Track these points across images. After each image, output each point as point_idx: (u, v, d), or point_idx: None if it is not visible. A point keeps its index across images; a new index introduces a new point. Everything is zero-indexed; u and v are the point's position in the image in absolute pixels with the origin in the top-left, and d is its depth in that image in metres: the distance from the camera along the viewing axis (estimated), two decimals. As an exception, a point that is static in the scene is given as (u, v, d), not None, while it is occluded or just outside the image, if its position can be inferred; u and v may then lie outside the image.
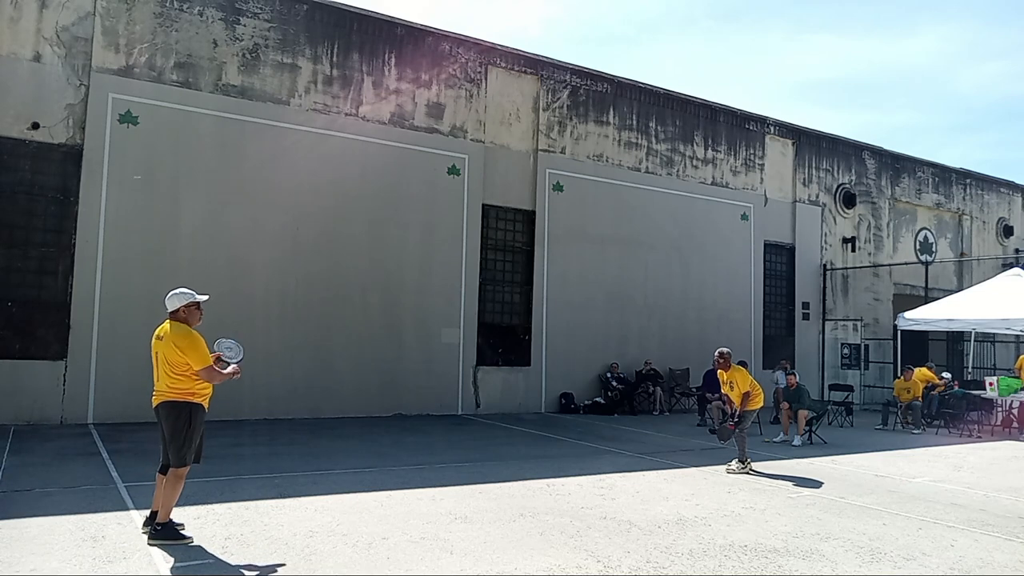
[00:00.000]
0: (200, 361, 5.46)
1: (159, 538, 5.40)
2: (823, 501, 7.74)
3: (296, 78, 13.57)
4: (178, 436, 5.49)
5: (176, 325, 5.57)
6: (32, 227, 11.59)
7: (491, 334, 15.54)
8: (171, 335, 5.50)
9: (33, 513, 6.11)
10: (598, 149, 17.08)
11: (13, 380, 11.08)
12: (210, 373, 5.52)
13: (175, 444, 5.49)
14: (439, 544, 5.70)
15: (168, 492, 5.49)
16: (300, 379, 12.92)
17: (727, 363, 9.47)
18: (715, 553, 5.72)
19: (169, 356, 5.48)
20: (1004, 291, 15.46)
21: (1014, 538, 6.49)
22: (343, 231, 13.75)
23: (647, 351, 16.99)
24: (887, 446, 12.20)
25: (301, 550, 5.41)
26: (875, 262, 22.01)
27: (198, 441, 5.62)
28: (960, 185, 24.74)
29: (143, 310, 11.97)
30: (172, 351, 5.46)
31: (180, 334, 5.49)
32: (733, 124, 19.44)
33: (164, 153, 12.32)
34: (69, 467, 8.14)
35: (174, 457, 5.50)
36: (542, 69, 16.42)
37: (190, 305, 5.67)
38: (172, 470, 5.50)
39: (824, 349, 20.59)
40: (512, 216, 15.98)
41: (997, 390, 14.43)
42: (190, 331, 5.54)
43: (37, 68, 11.62)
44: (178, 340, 5.46)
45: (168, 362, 5.50)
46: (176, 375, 5.49)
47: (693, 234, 18.34)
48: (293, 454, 9.51)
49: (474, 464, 9.26)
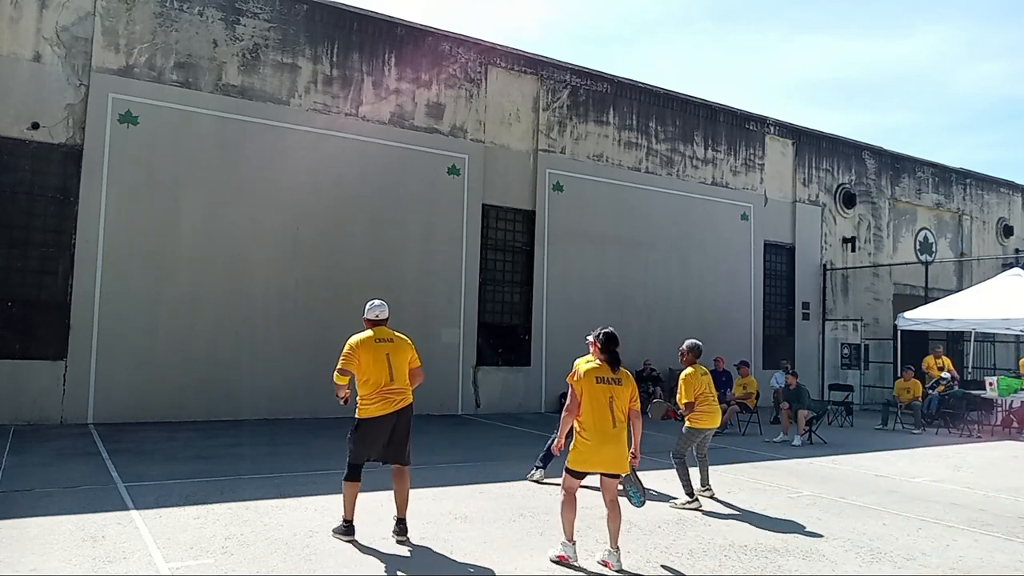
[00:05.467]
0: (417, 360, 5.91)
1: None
2: (823, 501, 7.74)
3: (296, 78, 13.57)
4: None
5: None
6: (32, 227, 11.59)
7: (491, 334, 15.55)
8: (402, 340, 5.83)
9: (33, 513, 6.11)
10: (598, 149, 17.08)
11: (13, 380, 11.08)
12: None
13: (409, 444, 5.84)
14: (439, 544, 5.70)
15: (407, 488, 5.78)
16: (300, 379, 12.91)
17: (685, 360, 7.70)
18: (715, 553, 5.72)
19: (408, 358, 5.82)
20: (1004, 291, 15.47)
21: (1014, 538, 6.49)
22: (343, 231, 13.75)
23: (647, 351, 16.98)
24: (887, 446, 12.20)
25: (301, 550, 5.41)
26: (875, 262, 22.01)
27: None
28: (960, 185, 24.74)
29: (143, 310, 12.03)
30: (411, 352, 5.84)
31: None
32: (733, 124, 19.44)
33: (164, 153, 12.32)
34: (69, 467, 8.14)
35: (409, 456, 5.83)
36: (542, 69, 16.42)
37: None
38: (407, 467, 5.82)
39: (824, 349, 20.59)
40: (512, 216, 15.99)
41: (997, 390, 14.44)
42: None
43: (37, 68, 11.62)
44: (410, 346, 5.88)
45: (404, 365, 5.78)
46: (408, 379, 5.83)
47: (693, 234, 18.34)
48: (293, 454, 9.50)
49: (474, 464, 9.27)
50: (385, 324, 5.90)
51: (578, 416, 5.37)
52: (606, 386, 5.38)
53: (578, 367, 5.54)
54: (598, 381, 5.39)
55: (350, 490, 5.67)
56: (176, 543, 5.46)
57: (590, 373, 5.43)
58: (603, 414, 5.30)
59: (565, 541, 5.35)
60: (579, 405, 5.37)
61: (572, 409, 5.40)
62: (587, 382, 5.39)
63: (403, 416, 5.75)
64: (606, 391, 5.36)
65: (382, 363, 5.67)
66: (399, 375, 5.74)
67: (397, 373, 5.73)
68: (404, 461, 5.80)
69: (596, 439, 5.28)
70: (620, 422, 5.36)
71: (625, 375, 5.54)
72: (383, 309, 5.92)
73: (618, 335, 5.59)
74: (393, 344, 5.79)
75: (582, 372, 5.45)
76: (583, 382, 5.40)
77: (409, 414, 5.82)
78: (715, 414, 7.53)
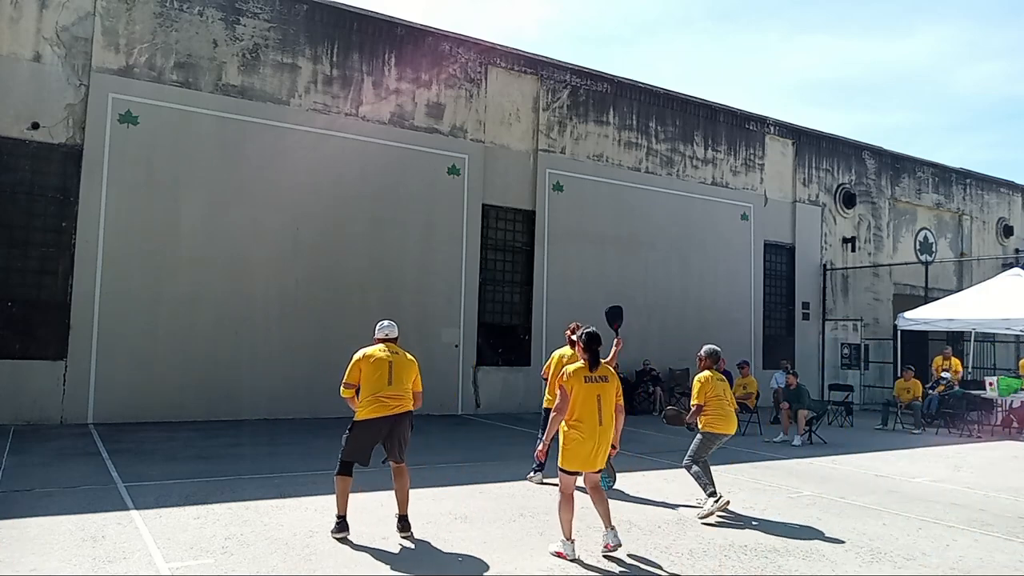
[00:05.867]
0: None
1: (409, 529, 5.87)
2: (823, 501, 7.73)
3: (296, 78, 13.57)
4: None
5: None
6: (32, 227, 11.59)
7: (491, 334, 15.55)
8: (409, 359, 6.01)
9: (33, 513, 6.11)
10: (598, 149, 17.08)
11: (13, 380, 11.08)
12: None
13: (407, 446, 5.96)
14: (439, 544, 5.70)
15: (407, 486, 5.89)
16: (300, 379, 12.92)
17: (702, 365, 7.43)
18: (715, 553, 5.72)
19: (412, 375, 5.97)
20: (1004, 291, 15.46)
21: (1014, 538, 6.49)
22: (343, 231, 13.75)
23: (647, 351, 16.98)
24: (887, 446, 12.20)
25: (301, 550, 5.41)
26: (875, 262, 22.01)
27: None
28: (960, 185, 24.74)
29: (143, 310, 12.03)
30: (415, 372, 6.00)
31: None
32: (733, 124, 19.44)
33: (164, 153, 12.32)
34: (69, 467, 8.14)
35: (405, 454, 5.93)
36: (542, 69, 16.42)
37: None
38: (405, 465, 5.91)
39: (824, 349, 20.59)
40: (512, 216, 15.99)
41: (997, 390, 14.44)
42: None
43: (37, 68, 11.62)
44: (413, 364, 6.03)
45: (405, 376, 5.91)
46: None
47: (693, 234, 18.34)
48: (293, 454, 9.50)
49: (474, 464, 9.26)
50: (395, 343, 6.09)
51: (568, 416, 5.41)
52: (594, 385, 5.45)
53: (565, 367, 5.63)
54: (587, 381, 5.45)
55: (342, 484, 5.78)
56: (176, 543, 5.45)
57: (578, 373, 5.48)
58: (592, 413, 5.39)
59: (564, 539, 5.42)
60: (570, 405, 5.40)
61: (563, 409, 5.43)
62: (577, 382, 5.44)
63: (400, 422, 5.80)
64: (594, 390, 5.44)
65: (383, 369, 5.80)
66: (398, 381, 5.82)
67: (396, 379, 5.81)
68: (399, 459, 5.87)
69: (587, 437, 5.36)
70: (608, 419, 5.46)
71: (610, 372, 5.61)
72: (392, 329, 6.13)
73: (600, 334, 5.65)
74: (398, 356, 5.95)
75: (571, 372, 5.49)
76: (573, 382, 5.44)
77: (407, 420, 5.86)
78: (731, 419, 7.20)
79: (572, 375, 5.46)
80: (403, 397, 5.84)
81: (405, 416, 5.85)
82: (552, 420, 5.53)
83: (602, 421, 5.42)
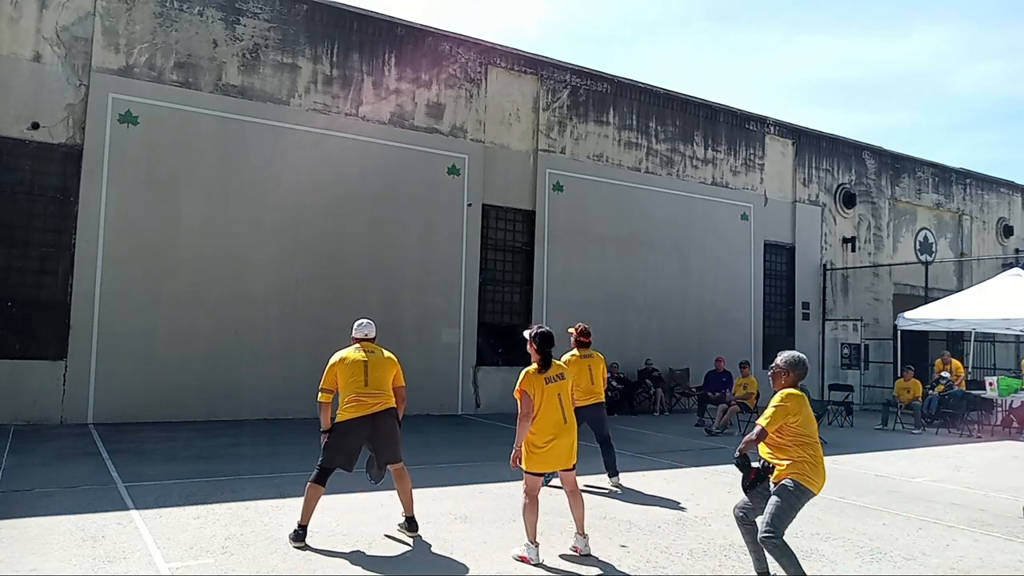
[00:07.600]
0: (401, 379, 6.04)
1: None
2: (823, 501, 7.72)
3: (296, 78, 13.57)
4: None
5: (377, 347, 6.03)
6: (32, 227, 11.59)
7: (491, 334, 15.54)
8: (387, 357, 5.96)
9: (33, 513, 6.11)
10: (598, 149, 17.08)
11: (13, 380, 11.08)
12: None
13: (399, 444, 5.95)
14: (439, 544, 5.70)
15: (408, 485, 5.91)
16: (300, 379, 12.86)
17: (785, 381, 4.95)
18: (715, 553, 5.72)
19: (391, 373, 5.93)
20: (1004, 291, 15.46)
21: (1014, 538, 6.49)
22: (343, 231, 13.74)
23: (647, 351, 16.98)
24: (887, 446, 12.20)
25: (301, 550, 5.41)
26: (875, 262, 22.00)
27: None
28: (960, 185, 24.74)
29: (143, 310, 12.03)
30: (395, 369, 5.97)
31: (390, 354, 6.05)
32: (733, 124, 19.44)
33: (164, 153, 12.32)
34: (69, 467, 8.14)
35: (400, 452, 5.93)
36: (542, 69, 16.42)
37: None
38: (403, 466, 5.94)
39: (824, 349, 20.58)
40: (512, 216, 15.98)
41: (997, 390, 14.44)
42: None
43: (37, 68, 11.62)
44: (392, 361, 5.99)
45: (383, 375, 5.88)
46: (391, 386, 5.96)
47: (693, 234, 18.34)
48: (293, 454, 9.49)
49: (474, 464, 9.26)
50: (372, 342, 6.02)
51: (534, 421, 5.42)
52: (554, 384, 5.52)
53: (525, 370, 5.59)
54: (548, 382, 5.49)
55: (312, 492, 5.60)
56: (176, 543, 5.46)
57: (538, 377, 5.50)
58: (556, 412, 5.45)
59: (528, 543, 5.36)
60: (534, 409, 5.41)
61: (529, 413, 5.42)
62: (538, 384, 5.46)
63: (382, 420, 5.74)
64: (555, 390, 5.51)
65: (358, 370, 5.76)
66: (374, 381, 5.77)
67: (372, 379, 5.76)
68: (396, 458, 5.84)
69: (552, 438, 5.41)
70: (570, 416, 5.55)
71: (564, 368, 5.75)
72: (370, 328, 6.08)
73: (554, 334, 5.72)
74: (374, 356, 5.89)
75: (531, 376, 5.50)
76: (536, 385, 5.46)
77: (390, 417, 5.81)
78: (823, 469, 4.78)
79: (532, 379, 5.47)
80: (382, 395, 5.80)
81: (386, 413, 5.78)
82: (520, 427, 5.48)
83: (566, 419, 5.49)
